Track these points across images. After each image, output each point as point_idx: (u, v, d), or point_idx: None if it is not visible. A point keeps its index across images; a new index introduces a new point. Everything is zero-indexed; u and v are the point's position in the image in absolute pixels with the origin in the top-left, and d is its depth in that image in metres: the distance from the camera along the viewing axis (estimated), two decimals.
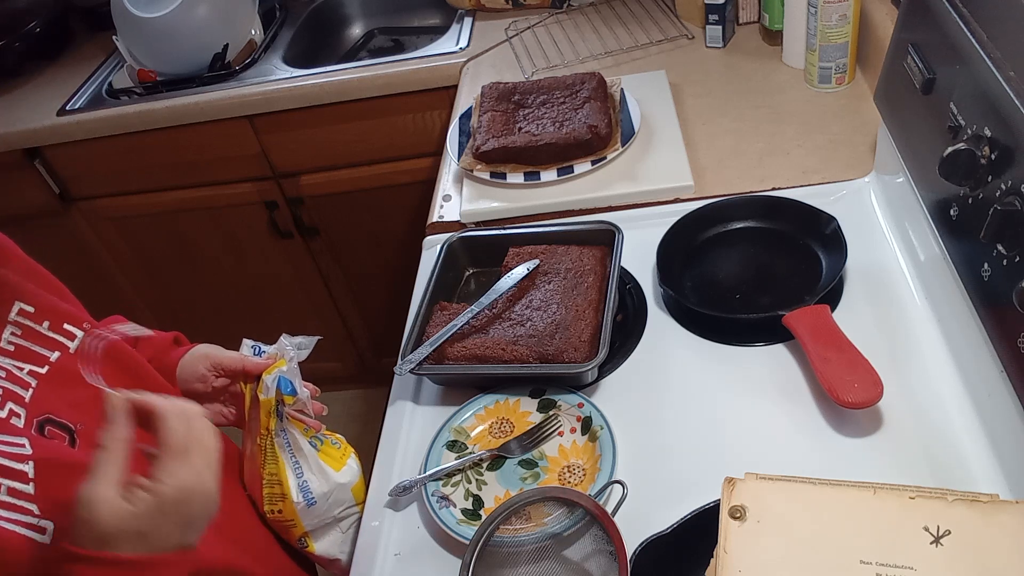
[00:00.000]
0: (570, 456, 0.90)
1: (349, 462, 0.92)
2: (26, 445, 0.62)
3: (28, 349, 0.68)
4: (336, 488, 0.89)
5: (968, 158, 0.75)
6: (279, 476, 0.85)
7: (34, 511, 0.60)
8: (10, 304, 0.69)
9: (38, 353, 0.69)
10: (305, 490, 0.87)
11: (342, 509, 0.91)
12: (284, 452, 0.86)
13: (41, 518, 0.60)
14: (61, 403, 0.68)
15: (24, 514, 0.60)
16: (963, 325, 0.85)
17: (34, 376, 0.67)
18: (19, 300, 0.69)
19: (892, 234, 1.05)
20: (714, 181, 1.22)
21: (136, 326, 0.85)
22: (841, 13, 1.25)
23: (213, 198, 1.92)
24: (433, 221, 1.29)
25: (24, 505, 0.60)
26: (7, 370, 0.65)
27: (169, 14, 1.74)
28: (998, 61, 0.74)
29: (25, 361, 0.67)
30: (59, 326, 0.72)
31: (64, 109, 1.83)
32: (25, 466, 0.61)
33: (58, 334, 0.71)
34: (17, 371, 0.66)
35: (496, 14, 1.83)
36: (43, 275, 0.76)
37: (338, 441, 0.94)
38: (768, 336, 0.97)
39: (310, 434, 0.89)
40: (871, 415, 0.86)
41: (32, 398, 0.66)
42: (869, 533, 0.63)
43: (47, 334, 0.70)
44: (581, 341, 0.96)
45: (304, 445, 0.87)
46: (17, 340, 0.68)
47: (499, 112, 1.35)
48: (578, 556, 0.76)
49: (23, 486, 0.60)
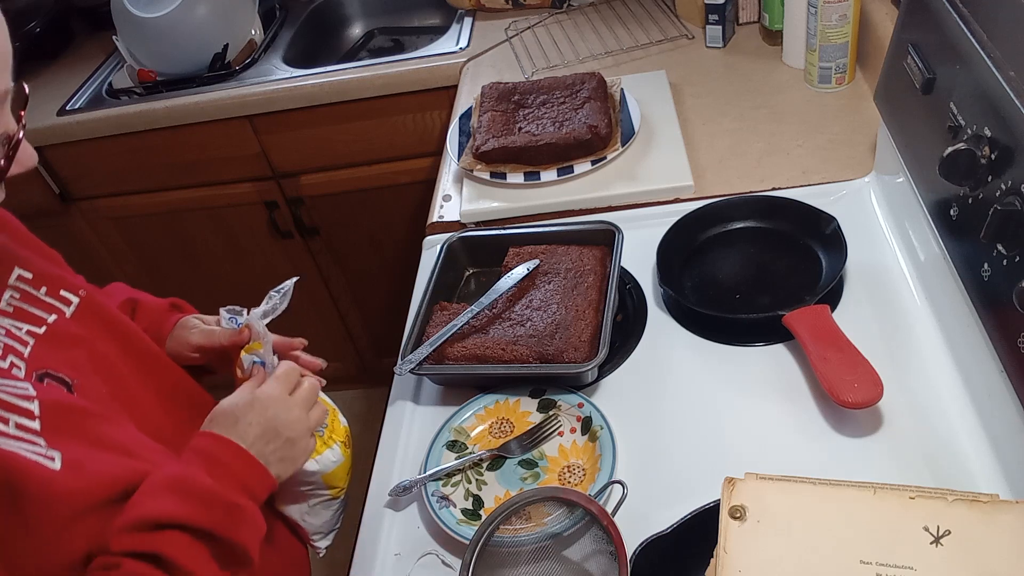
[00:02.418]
0: (570, 456, 0.90)
1: (327, 452, 0.88)
2: (29, 388, 0.66)
3: (26, 311, 0.72)
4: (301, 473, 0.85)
5: (968, 158, 0.75)
6: None
7: (41, 444, 0.63)
8: (10, 269, 0.73)
9: (35, 315, 0.72)
10: None
11: (310, 489, 0.88)
12: None
13: (49, 448, 0.63)
14: (58, 361, 0.71)
15: (33, 445, 0.63)
16: (963, 325, 0.85)
17: (32, 336, 0.70)
18: (18, 266, 0.73)
19: (892, 234, 1.05)
20: (714, 181, 1.22)
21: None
22: (841, 13, 1.25)
23: (213, 198, 1.92)
24: (433, 221, 1.29)
25: (32, 438, 0.63)
26: (6, 328, 0.69)
27: (169, 14, 1.74)
28: (998, 61, 0.74)
29: (23, 321, 0.71)
30: (56, 292, 0.75)
31: (64, 109, 1.83)
32: (31, 404, 0.64)
33: (54, 299, 0.75)
34: (16, 330, 0.69)
35: (496, 14, 1.83)
36: (40, 246, 0.80)
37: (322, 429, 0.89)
38: (768, 336, 0.97)
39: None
40: (871, 415, 0.86)
41: (30, 355, 0.69)
42: (869, 533, 0.63)
43: (44, 299, 0.74)
44: (581, 341, 0.96)
45: None
46: (16, 303, 0.71)
47: (499, 112, 1.35)
48: (578, 556, 0.76)
49: (30, 422, 0.64)
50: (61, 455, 0.64)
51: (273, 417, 0.72)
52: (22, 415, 0.64)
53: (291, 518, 0.91)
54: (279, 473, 0.72)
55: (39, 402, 0.65)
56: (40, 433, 0.64)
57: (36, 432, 0.64)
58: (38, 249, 0.79)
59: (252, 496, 0.69)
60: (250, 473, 0.70)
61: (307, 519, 0.91)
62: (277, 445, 0.72)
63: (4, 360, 0.67)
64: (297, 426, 0.74)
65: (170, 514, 0.64)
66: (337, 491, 0.91)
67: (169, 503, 0.64)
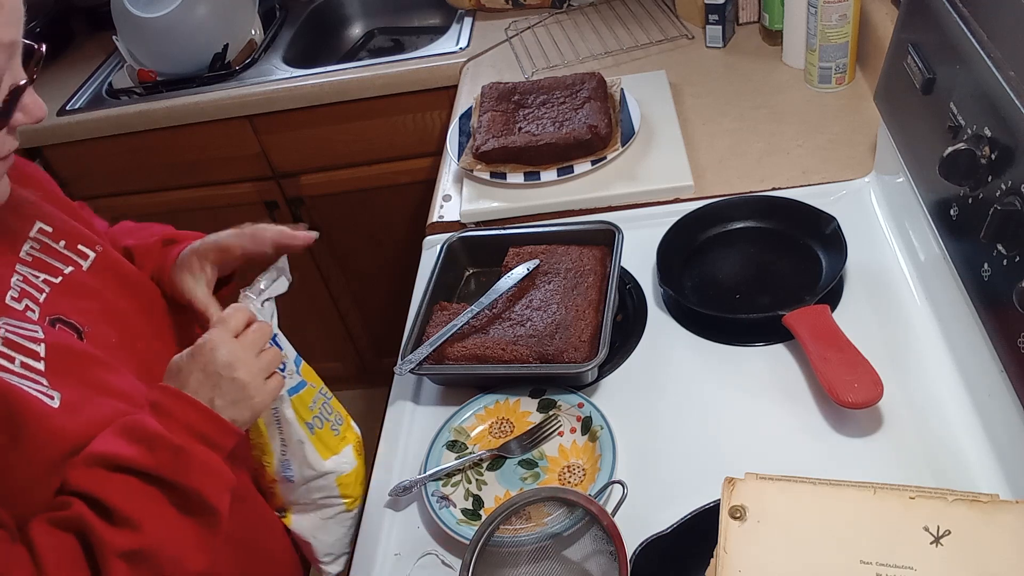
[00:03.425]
0: (570, 456, 0.90)
1: (344, 452, 0.89)
2: (39, 331, 0.69)
3: (44, 261, 0.76)
4: (319, 476, 0.86)
5: (968, 158, 0.75)
6: (262, 442, 0.84)
7: (44, 383, 0.66)
8: (32, 222, 0.77)
9: (53, 266, 0.77)
10: (286, 466, 0.85)
11: (323, 496, 0.88)
12: (271, 428, 0.83)
13: (50, 388, 0.67)
14: (71, 308, 0.75)
15: (36, 384, 0.66)
16: (963, 325, 0.85)
17: (48, 284, 0.75)
18: (39, 220, 0.78)
19: (892, 234, 1.05)
20: (714, 181, 1.22)
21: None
22: (841, 13, 1.25)
23: (213, 198, 1.92)
24: (433, 221, 1.29)
25: (35, 377, 0.66)
26: (24, 276, 0.73)
27: (169, 14, 1.74)
28: (998, 61, 0.74)
29: (41, 271, 0.75)
30: (74, 246, 0.80)
31: (64, 109, 1.83)
32: (37, 347, 0.68)
33: (72, 252, 0.79)
34: (33, 278, 0.74)
35: (496, 14, 1.83)
36: (67, 203, 0.85)
37: (338, 427, 0.89)
38: (768, 336, 0.97)
39: (311, 415, 0.85)
40: (871, 415, 0.86)
41: (45, 301, 0.73)
42: (869, 533, 0.63)
43: (63, 251, 0.78)
44: (581, 341, 0.96)
45: (294, 430, 0.83)
46: (35, 253, 0.76)
47: (499, 112, 1.35)
48: (578, 556, 0.76)
49: (35, 362, 0.67)
50: (61, 395, 0.67)
51: (214, 360, 0.72)
52: (28, 356, 0.67)
53: (301, 538, 0.90)
54: (235, 417, 0.72)
55: (46, 344, 0.68)
56: (43, 373, 0.67)
57: (40, 372, 0.67)
58: (63, 206, 0.84)
59: (205, 441, 0.69)
60: (197, 418, 0.70)
61: (319, 536, 0.90)
62: (225, 388, 0.72)
63: (19, 303, 0.71)
64: (243, 368, 0.73)
65: (115, 452, 0.65)
66: (351, 501, 0.90)
67: (116, 443, 0.66)
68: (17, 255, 0.74)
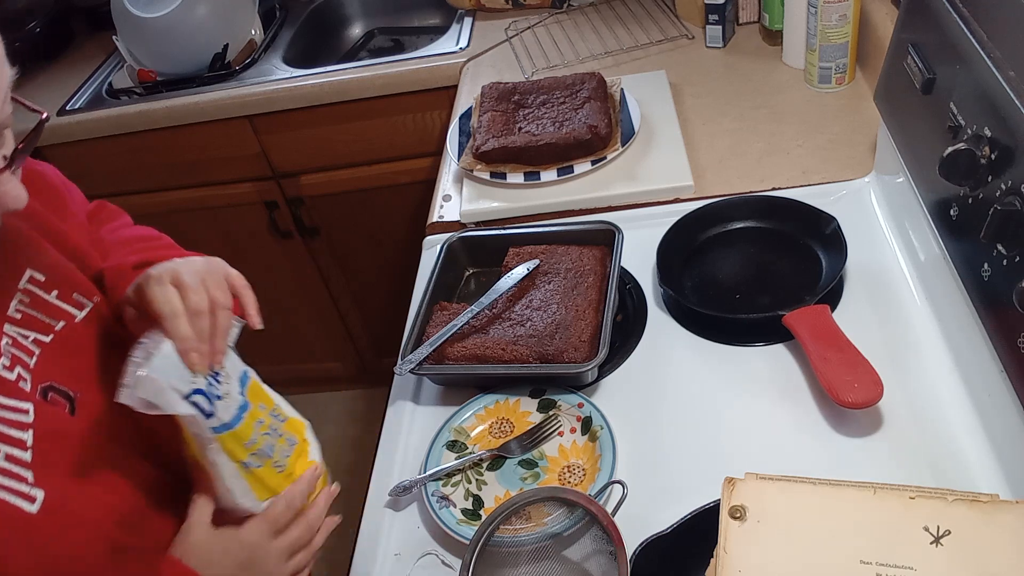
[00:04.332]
0: (570, 456, 0.90)
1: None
2: (30, 412, 0.64)
3: (34, 317, 0.70)
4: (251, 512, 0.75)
5: (968, 158, 0.75)
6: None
7: (28, 479, 0.62)
8: (22, 272, 0.70)
9: (44, 322, 0.70)
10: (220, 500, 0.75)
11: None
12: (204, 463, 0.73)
13: (33, 486, 0.62)
14: (62, 372, 0.70)
15: (18, 481, 0.61)
16: (963, 325, 0.85)
17: (38, 344, 0.69)
18: (31, 268, 0.71)
19: (892, 234, 1.05)
20: (714, 181, 1.22)
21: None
22: (841, 13, 1.25)
23: (213, 198, 1.92)
24: (433, 221, 1.29)
25: (19, 472, 0.62)
26: (13, 338, 0.67)
27: (169, 14, 1.74)
28: (998, 61, 0.74)
29: (30, 329, 0.69)
30: (68, 296, 0.73)
31: (64, 109, 1.83)
32: (25, 434, 0.63)
33: (66, 303, 0.73)
34: (23, 339, 0.68)
35: (496, 14, 1.83)
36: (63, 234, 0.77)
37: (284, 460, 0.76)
38: (768, 336, 0.97)
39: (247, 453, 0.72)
40: (871, 415, 0.86)
41: (35, 365, 0.68)
42: (869, 533, 0.63)
43: (54, 303, 0.72)
44: (581, 341, 0.96)
45: (226, 472, 0.71)
46: (24, 309, 0.69)
47: (499, 112, 1.35)
48: (578, 556, 0.76)
49: (21, 453, 0.63)
50: (44, 493, 0.63)
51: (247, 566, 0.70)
52: (14, 446, 0.62)
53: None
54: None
55: (34, 432, 0.64)
56: (30, 466, 0.63)
57: (26, 465, 0.62)
58: (60, 238, 0.76)
59: None
60: None
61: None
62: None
63: (12, 371, 0.65)
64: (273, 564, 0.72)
65: None
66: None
67: None
68: (5, 313, 0.67)
